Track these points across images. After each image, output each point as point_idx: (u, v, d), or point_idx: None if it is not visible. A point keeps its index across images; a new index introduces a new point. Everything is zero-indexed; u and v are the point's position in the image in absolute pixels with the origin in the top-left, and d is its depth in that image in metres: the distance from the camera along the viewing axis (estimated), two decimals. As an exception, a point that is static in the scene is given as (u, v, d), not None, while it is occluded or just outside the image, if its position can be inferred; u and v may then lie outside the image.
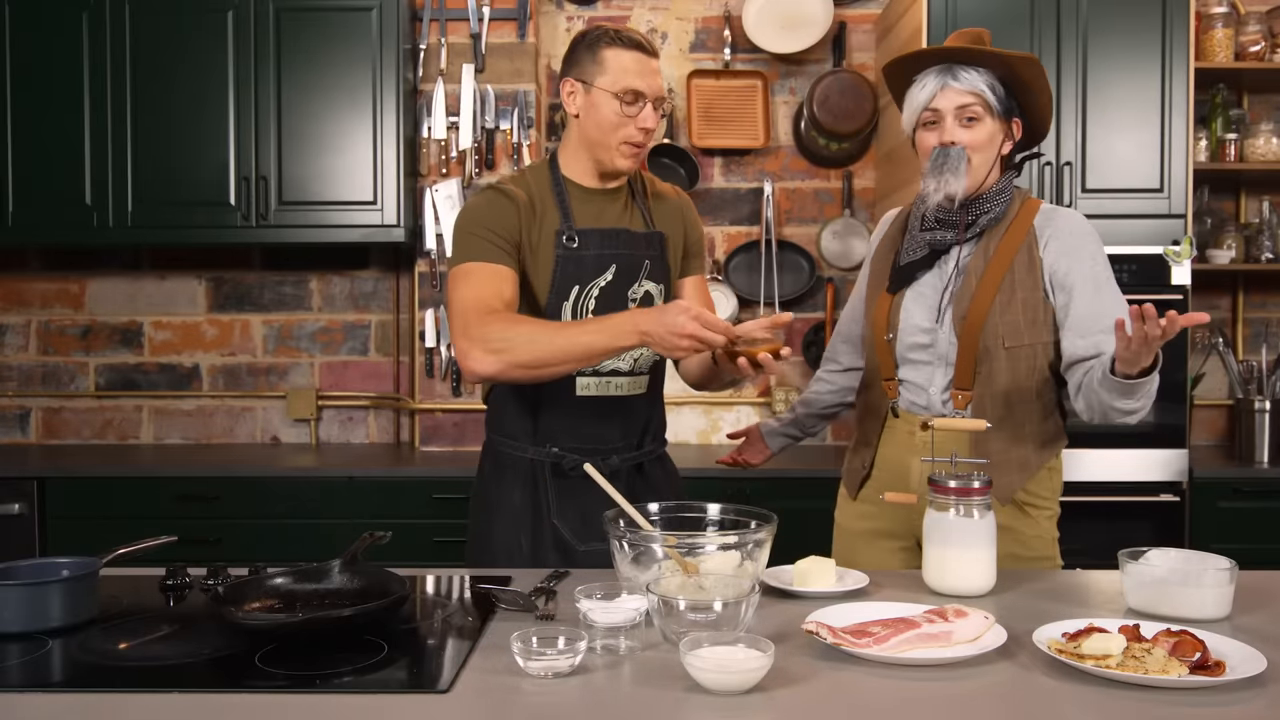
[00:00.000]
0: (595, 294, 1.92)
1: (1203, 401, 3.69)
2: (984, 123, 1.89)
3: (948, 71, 1.89)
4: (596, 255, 1.92)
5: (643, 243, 1.98)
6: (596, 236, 1.93)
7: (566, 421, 1.94)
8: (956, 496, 1.65)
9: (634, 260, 1.95)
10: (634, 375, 1.97)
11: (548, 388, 1.90)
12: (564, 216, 1.92)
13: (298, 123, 3.43)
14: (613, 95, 1.87)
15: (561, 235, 1.91)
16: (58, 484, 3.25)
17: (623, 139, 1.89)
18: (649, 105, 1.88)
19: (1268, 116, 3.53)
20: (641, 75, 1.88)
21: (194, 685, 1.26)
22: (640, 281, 1.96)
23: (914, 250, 1.96)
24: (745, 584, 1.41)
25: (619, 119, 1.88)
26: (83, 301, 3.88)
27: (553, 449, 1.93)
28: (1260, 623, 1.49)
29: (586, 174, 1.96)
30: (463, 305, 1.82)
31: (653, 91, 1.89)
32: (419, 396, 3.64)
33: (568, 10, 3.82)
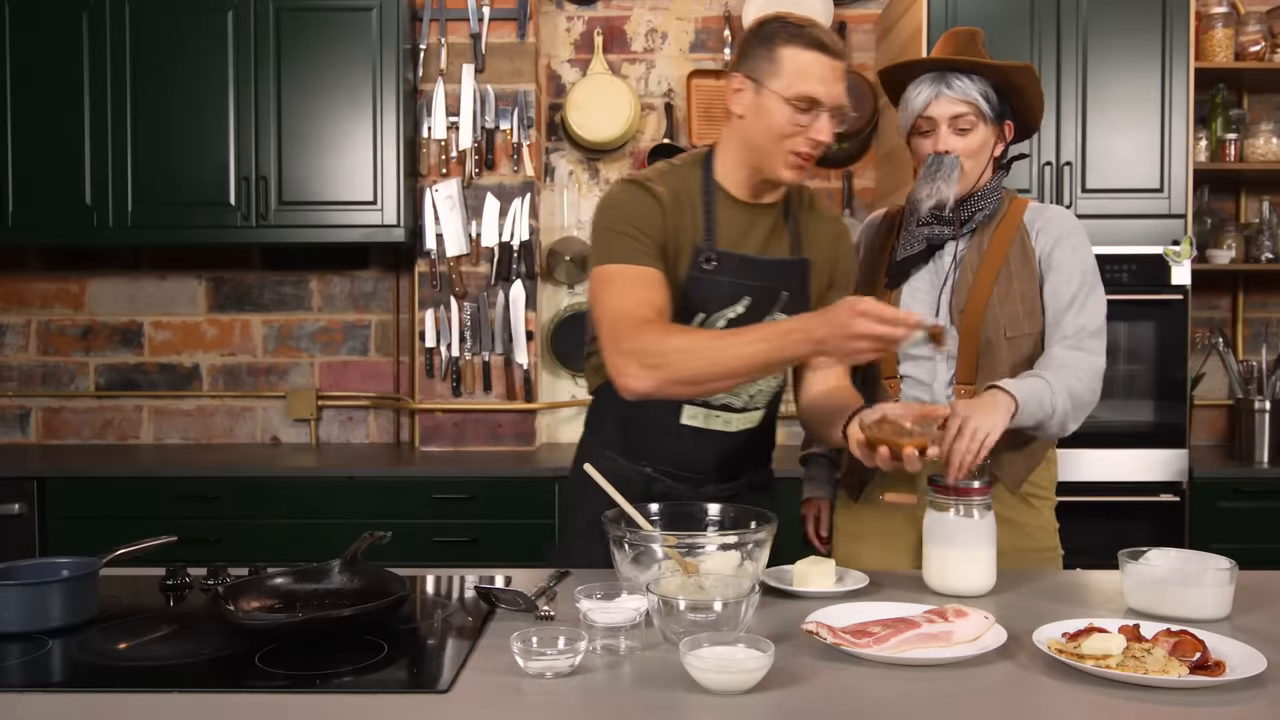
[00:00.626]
0: (720, 325, 1.74)
1: (1203, 401, 3.69)
2: (977, 130, 1.91)
3: (941, 80, 1.90)
4: (731, 283, 1.74)
5: (785, 271, 1.79)
6: (736, 262, 1.74)
7: (663, 444, 1.82)
8: (956, 496, 1.65)
9: (770, 292, 1.77)
10: (745, 411, 1.83)
11: (647, 412, 1.76)
12: (707, 231, 1.74)
13: (298, 123, 3.43)
14: (785, 100, 1.67)
15: (700, 254, 1.73)
16: (58, 484, 3.25)
17: (790, 149, 1.69)
18: (825, 115, 1.68)
19: (1268, 116, 3.53)
20: (822, 80, 1.67)
21: (194, 685, 1.27)
22: (773, 314, 1.78)
23: (911, 245, 1.97)
24: (745, 584, 1.41)
25: (790, 127, 1.68)
26: (83, 301, 3.88)
27: (645, 468, 1.83)
28: (1260, 623, 1.49)
29: (741, 183, 1.78)
30: (613, 315, 1.65)
31: (832, 100, 1.68)
32: (419, 396, 3.64)
33: (568, 10, 3.82)
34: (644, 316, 1.63)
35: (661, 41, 3.82)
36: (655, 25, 3.82)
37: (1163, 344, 3.17)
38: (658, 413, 1.75)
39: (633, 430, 1.83)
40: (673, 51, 3.82)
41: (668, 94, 3.80)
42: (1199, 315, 3.67)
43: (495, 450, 3.58)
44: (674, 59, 3.81)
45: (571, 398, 3.80)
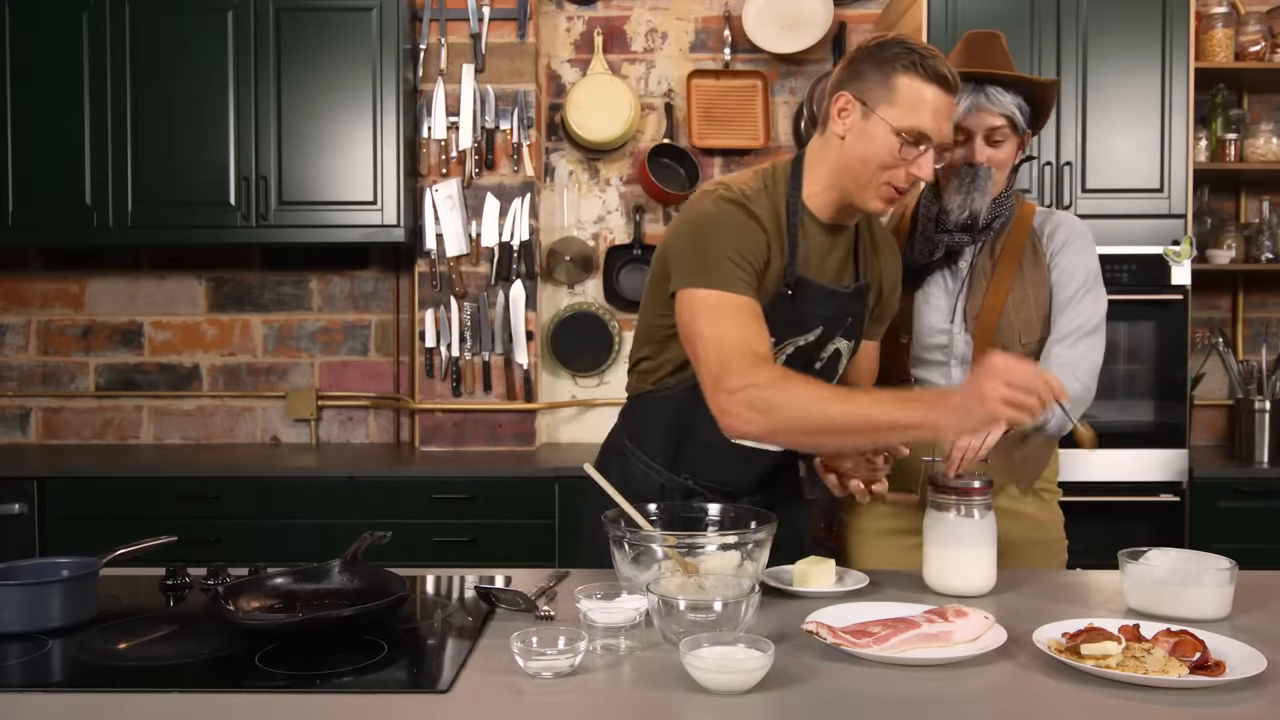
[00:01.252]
0: (789, 351, 1.71)
1: (1203, 401, 3.69)
2: (1009, 142, 1.91)
3: (980, 91, 1.87)
4: (808, 312, 1.70)
5: (852, 299, 1.76)
6: (814, 291, 1.70)
7: (711, 461, 1.79)
8: (957, 496, 1.65)
9: (839, 321, 1.75)
10: None
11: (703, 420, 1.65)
12: (789, 256, 1.68)
13: (298, 123, 3.43)
14: (895, 131, 1.60)
15: (784, 281, 1.67)
16: (58, 484, 3.25)
17: (887, 180, 1.63)
18: (930, 152, 1.62)
19: (1268, 116, 3.53)
20: (935, 116, 1.61)
21: (194, 685, 1.27)
22: (836, 339, 1.76)
23: (928, 251, 1.96)
24: (745, 584, 1.41)
25: (892, 159, 1.61)
26: (83, 301, 3.88)
27: (688, 480, 1.80)
28: (1260, 623, 1.49)
29: (827, 205, 1.71)
30: (721, 348, 1.57)
31: (941, 137, 1.63)
32: (419, 396, 3.64)
33: (568, 10, 3.81)
34: (755, 355, 1.56)
35: (661, 41, 3.81)
36: (655, 25, 3.82)
37: (1163, 344, 3.17)
38: (709, 431, 1.64)
39: (681, 444, 1.80)
40: (673, 51, 3.82)
41: (668, 94, 3.79)
42: (1199, 315, 3.67)
43: (495, 450, 3.58)
44: (674, 59, 3.81)
45: (571, 398, 3.80)
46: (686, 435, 1.78)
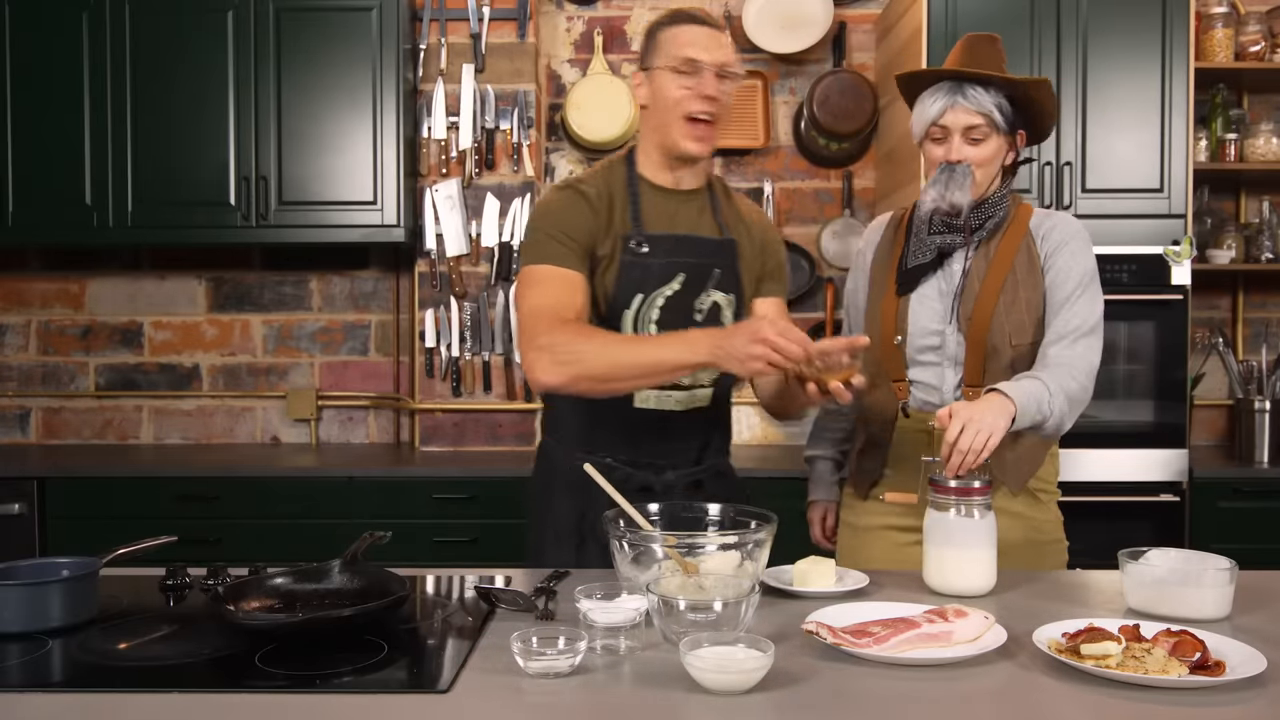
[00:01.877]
0: (660, 303, 1.84)
1: (1203, 401, 3.69)
2: (990, 140, 1.92)
3: (958, 90, 1.90)
4: (665, 263, 1.84)
5: (714, 249, 1.89)
6: (667, 242, 1.84)
7: (623, 433, 1.87)
8: (957, 496, 1.65)
9: (703, 269, 1.87)
10: (692, 390, 1.88)
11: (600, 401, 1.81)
12: (634, 219, 1.84)
13: (298, 123, 3.43)
14: (669, 70, 1.80)
15: (630, 239, 1.83)
16: (58, 484, 3.25)
17: (683, 113, 1.80)
18: (709, 73, 1.79)
19: (1268, 116, 3.53)
20: (697, 45, 1.79)
21: (194, 685, 1.27)
22: (708, 291, 1.87)
23: (922, 253, 1.98)
24: (745, 584, 1.41)
25: (678, 91, 1.79)
26: (83, 301, 3.88)
27: (606, 459, 1.86)
28: (1260, 623, 1.49)
29: (661, 170, 1.89)
30: (532, 312, 1.76)
31: (712, 59, 1.79)
32: (419, 396, 3.64)
33: (568, 10, 3.82)
34: (562, 316, 1.73)
35: (661, 41, 3.81)
36: (655, 25, 3.81)
37: (1163, 344, 3.17)
38: (611, 401, 1.80)
39: (591, 423, 1.88)
40: (673, 51, 3.81)
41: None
42: (1199, 315, 3.67)
43: (495, 450, 3.58)
44: (674, 59, 3.80)
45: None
46: (593, 413, 1.86)
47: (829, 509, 2.21)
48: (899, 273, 2.01)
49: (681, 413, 1.89)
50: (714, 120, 1.82)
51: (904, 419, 1.99)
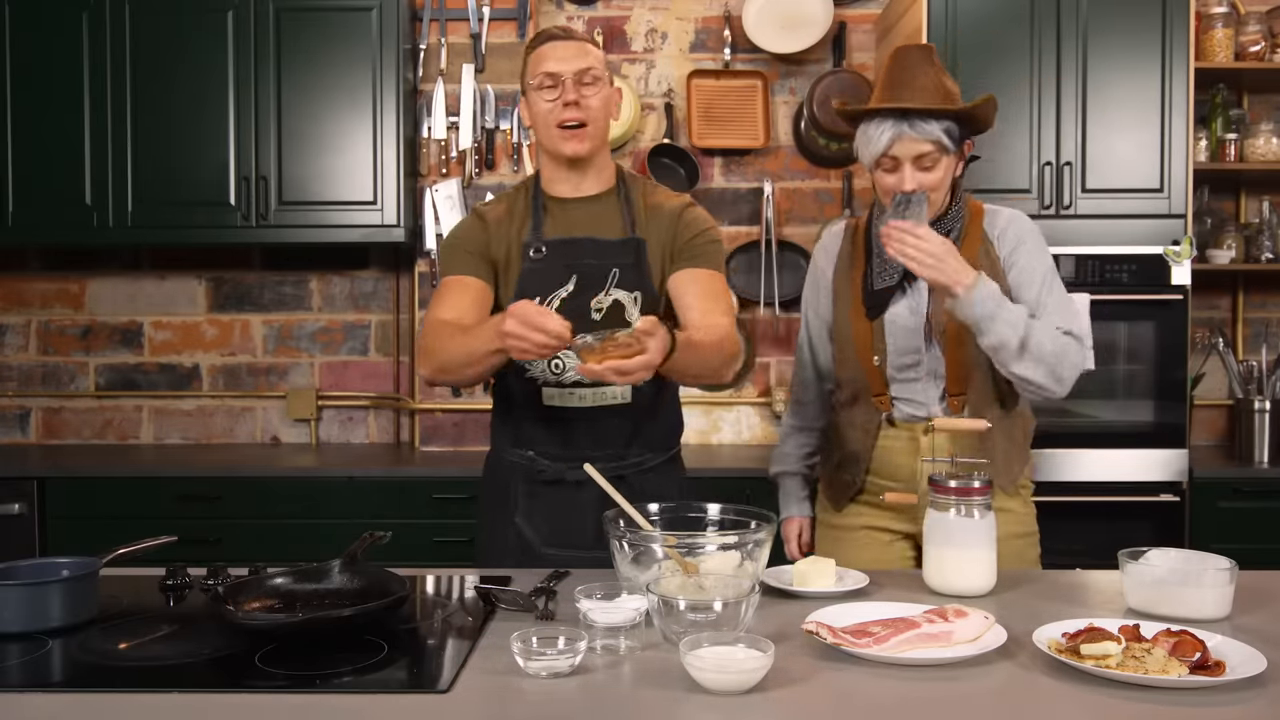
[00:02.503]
0: (555, 305, 1.88)
1: (1203, 401, 3.69)
2: (941, 163, 1.90)
3: (903, 119, 1.86)
4: (560, 266, 1.92)
5: (614, 250, 1.93)
6: (561, 247, 1.93)
7: (540, 429, 1.96)
8: (956, 496, 1.65)
9: (598, 270, 1.92)
10: (596, 387, 1.90)
11: (520, 395, 1.96)
12: (533, 229, 1.95)
13: (298, 123, 3.43)
14: (534, 90, 1.93)
15: (528, 247, 1.94)
16: (58, 484, 3.25)
17: (555, 123, 1.90)
18: (569, 81, 1.89)
19: (1268, 116, 3.53)
20: (554, 59, 1.91)
21: (194, 685, 1.27)
22: (607, 290, 1.92)
23: (887, 276, 1.98)
24: (745, 584, 1.41)
25: (545, 105, 1.91)
26: (83, 301, 3.88)
27: (528, 453, 1.96)
28: (1260, 623, 1.49)
29: (559, 182, 1.98)
30: (426, 319, 1.94)
31: (569, 69, 1.89)
32: (419, 396, 3.64)
33: (568, 10, 3.82)
34: (443, 318, 1.89)
35: (661, 41, 3.82)
36: (655, 25, 3.82)
37: (1163, 344, 3.17)
38: (524, 397, 1.95)
39: (512, 419, 2.00)
40: (673, 51, 3.82)
41: (668, 94, 3.79)
42: (1199, 315, 3.67)
43: (495, 450, 3.58)
44: (674, 59, 3.81)
45: (571, 398, 3.80)
46: (512, 410, 1.99)
47: (804, 524, 2.18)
48: (865, 294, 2.01)
49: (593, 409, 1.93)
50: (583, 122, 1.90)
51: (889, 428, 1.99)
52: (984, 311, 1.80)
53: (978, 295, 1.79)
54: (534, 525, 1.95)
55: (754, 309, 3.73)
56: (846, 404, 2.06)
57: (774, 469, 2.23)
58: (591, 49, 1.94)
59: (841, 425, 2.07)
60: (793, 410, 2.21)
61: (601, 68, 1.93)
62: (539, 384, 1.93)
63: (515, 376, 1.94)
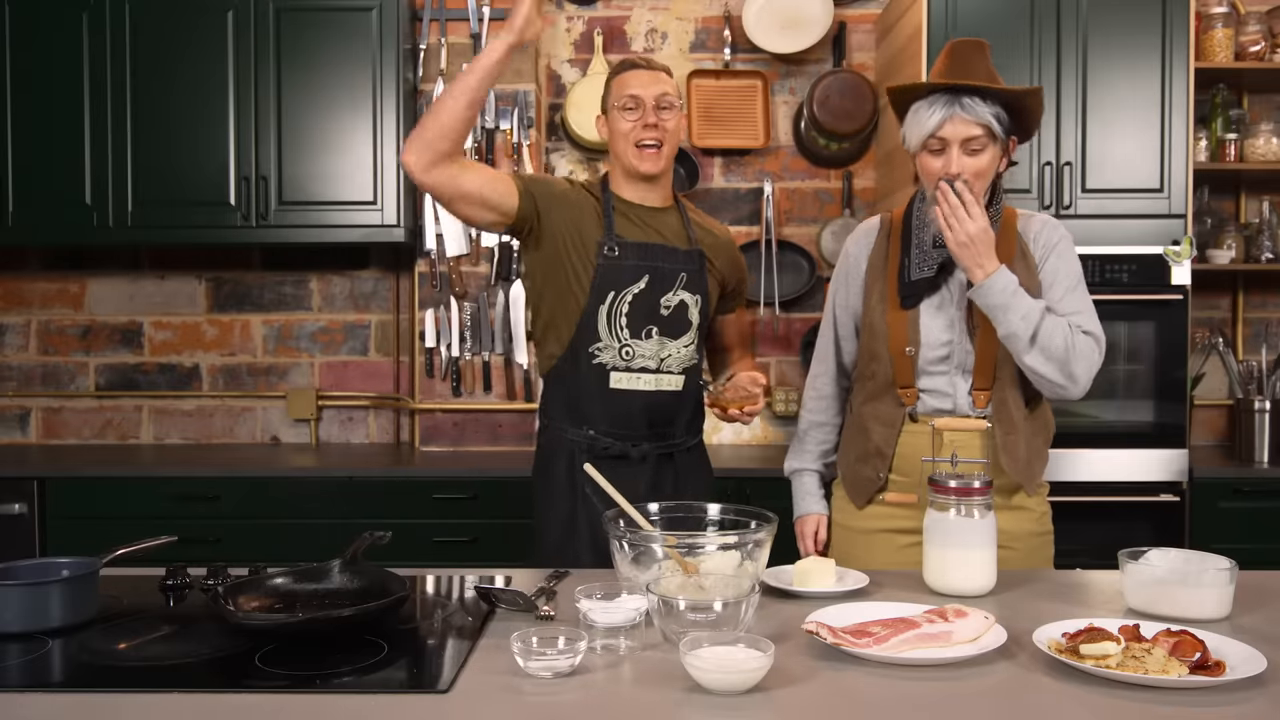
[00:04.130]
0: (629, 299, 2.12)
1: (1203, 401, 3.69)
2: (987, 150, 1.90)
3: (955, 101, 1.87)
4: (634, 265, 2.12)
5: (681, 257, 2.17)
6: (634, 248, 2.13)
7: (601, 408, 2.13)
8: (957, 496, 1.65)
9: (669, 272, 2.15)
10: (660, 373, 2.15)
11: (585, 383, 2.12)
12: (608, 228, 2.14)
13: (298, 123, 3.43)
14: (617, 109, 2.15)
15: (603, 245, 2.12)
16: (58, 484, 3.25)
17: (633, 141, 2.13)
18: (648, 105, 2.12)
19: (1268, 116, 3.53)
20: (636, 84, 2.14)
21: (194, 685, 1.27)
22: (675, 291, 2.15)
23: (925, 267, 1.98)
24: (745, 584, 1.41)
25: (626, 125, 2.13)
26: (83, 301, 3.88)
27: (589, 431, 2.14)
28: (1260, 623, 1.49)
29: (630, 191, 2.19)
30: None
31: (649, 94, 2.13)
32: (419, 396, 3.64)
33: (568, 10, 3.82)
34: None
35: (661, 41, 3.82)
36: (655, 25, 3.82)
37: (1163, 344, 3.17)
38: (594, 381, 2.13)
39: (577, 399, 2.15)
40: (673, 51, 3.82)
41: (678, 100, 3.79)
42: (1199, 315, 3.67)
43: (495, 450, 3.58)
44: (674, 59, 3.81)
45: (571, 398, 3.79)
46: (579, 391, 2.14)
47: (821, 521, 2.15)
48: (901, 285, 2.01)
49: (652, 393, 2.15)
50: (660, 143, 2.14)
51: (911, 424, 1.99)
52: (998, 301, 1.84)
53: (995, 284, 1.83)
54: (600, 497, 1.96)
55: (754, 309, 3.73)
56: (871, 397, 2.04)
57: (790, 465, 2.21)
58: (666, 78, 2.17)
59: (865, 418, 2.05)
60: (811, 406, 2.19)
61: (675, 95, 2.17)
62: (608, 369, 2.12)
63: (585, 363, 2.12)
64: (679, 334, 2.16)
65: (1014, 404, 1.95)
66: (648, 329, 2.13)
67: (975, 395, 1.95)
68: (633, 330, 2.12)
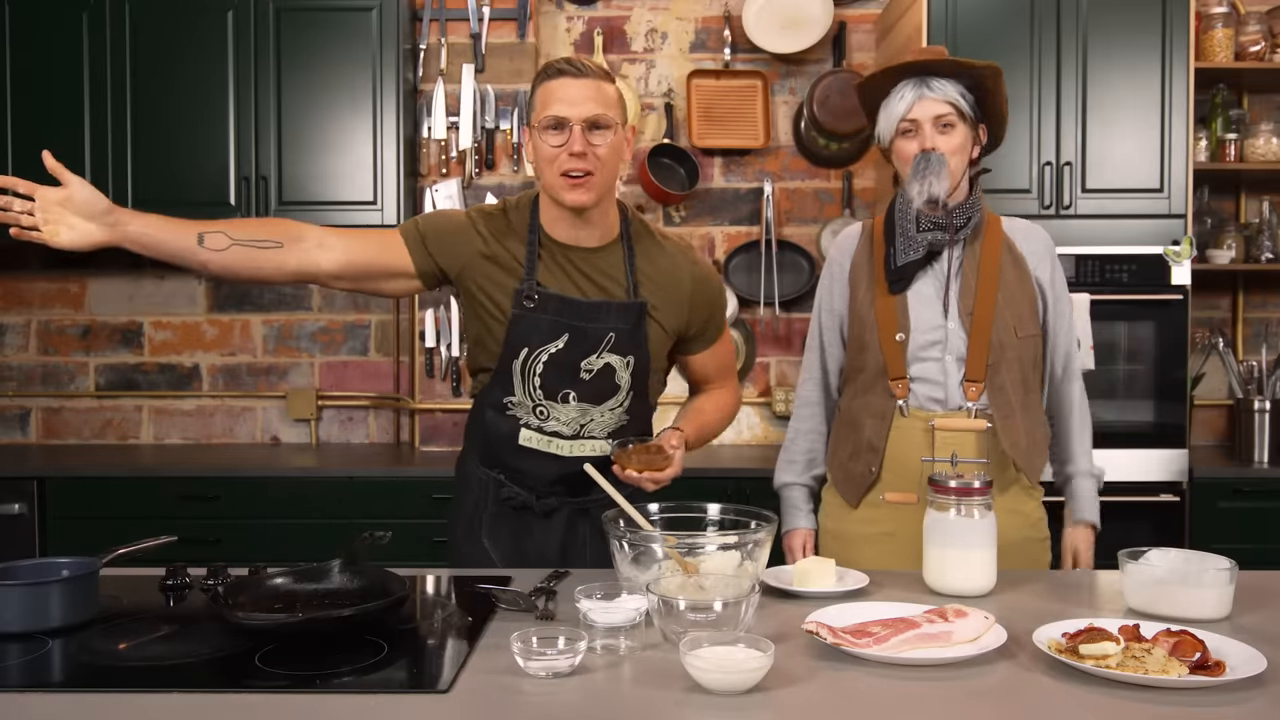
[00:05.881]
0: (544, 359, 1.84)
1: (1203, 401, 3.69)
2: (958, 129, 1.97)
3: (923, 83, 1.96)
4: (551, 321, 1.83)
5: (612, 313, 1.84)
6: (555, 302, 1.83)
7: (508, 458, 1.92)
8: (956, 496, 1.65)
9: (591, 333, 1.84)
10: (577, 439, 1.88)
11: (495, 429, 1.90)
12: (528, 270, 1.84)
13: (298, 123, 3.43)
14: (540, 130, 1.79)
15: (520, 294, 1.83)
16: (58, 484, 3.25)
17: (558, 171, 1.78)
18: (576, 129, 1.75)
19: (1268, 116, 3.53)
20: (564, 101, 1.76)
21: (194, 685, 1.27)
22: (600, 354, 1.84)
23: (912, 250, 1.99)
24: (745, 584, 1.41)
25: (550, 150, 1.78)
26: (83, 301, 3.88)
27: (498, 474, 1.95)
28: (1260, 623, 1.49)
29: (559, 224, 1.86)
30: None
31: (577, 115, 1.76)
32: (419, 396, 3.64)
33: (568, 10, 3.82)
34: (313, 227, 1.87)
35: (661, 41, 3.82)
36: (655, 25, 3.82)
37: (1163, 344, 3.17)
38: (503, 430, 1.89)
39: (487, 442, 1.94)
40: (673, 51, 3.82)
41: (668, 94, 3.79)
42: (1199, 315, 3.67)
43: (495, 450, 3.58)
44: (674, 59, 3.81)
45: (571, 398, 3.80)
46: (489, 435, 1.92)
47: (808, 537, 2.12)
48: (888, 271, 2.02)
49: (564, 459, 1.88)
50: (590, 172, 1.78)
51: (901, 418, 1.98)
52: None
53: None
54: (498, 546, 1.94)
55: (754, 309, 3.73)
56: (861, 391, 2.03)
57: (780, 479, 2.17)
58: (605, 88, 1.79)
59: (855, 412, 2.04)
60: (798, 414, 2.18)
61: (615, 112, 1.80)
62: (519, 423, 1.87)
63: (495, 411, 1.88)
64: (603, 399, 1.86)
65: (1011, 390, 1.95)
66: (564, 393, 1.83)
67: (966, 387, 1.94)
68: (547, 392, 1.84)
